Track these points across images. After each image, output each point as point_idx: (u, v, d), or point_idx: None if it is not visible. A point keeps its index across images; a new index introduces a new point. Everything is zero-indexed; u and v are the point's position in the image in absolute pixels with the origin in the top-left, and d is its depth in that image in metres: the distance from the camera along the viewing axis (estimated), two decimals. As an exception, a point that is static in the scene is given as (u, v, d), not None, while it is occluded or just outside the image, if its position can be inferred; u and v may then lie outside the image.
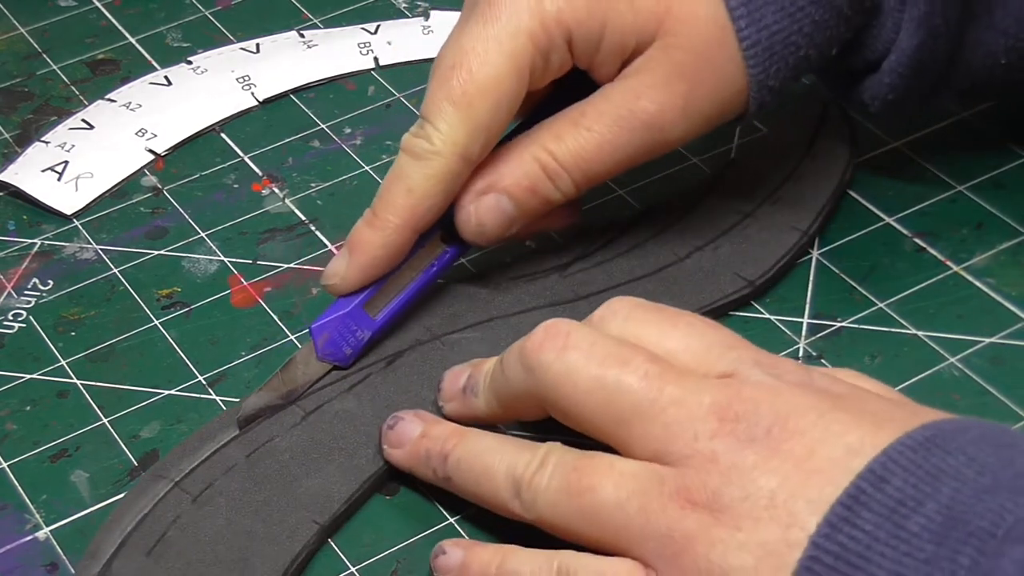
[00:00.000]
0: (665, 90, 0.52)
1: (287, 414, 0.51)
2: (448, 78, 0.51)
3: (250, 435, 0.51)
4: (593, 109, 0.52)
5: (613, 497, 0.43)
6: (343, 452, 0.50)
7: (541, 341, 0.46)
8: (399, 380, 0.52)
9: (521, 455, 0.46)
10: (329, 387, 0.52)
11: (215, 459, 0.50)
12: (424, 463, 0.49)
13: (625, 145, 0.52)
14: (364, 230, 0.52)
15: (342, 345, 0.52)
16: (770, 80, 0.53)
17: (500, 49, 0.51)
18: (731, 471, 0.42)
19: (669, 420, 0.43)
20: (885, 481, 0.40)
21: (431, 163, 0.51)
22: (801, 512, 0.41)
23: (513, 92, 0.51)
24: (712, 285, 0.55)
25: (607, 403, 0.44)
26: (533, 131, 0.53)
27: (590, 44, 0.52)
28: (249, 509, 0.49)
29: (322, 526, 0.48)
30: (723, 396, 0.43)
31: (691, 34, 0.52)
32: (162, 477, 0.50)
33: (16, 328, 0.57)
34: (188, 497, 0.49)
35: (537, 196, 0.53)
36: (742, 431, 0.42)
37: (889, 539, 0.39)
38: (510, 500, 0.46)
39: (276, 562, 0.47)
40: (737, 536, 0.41)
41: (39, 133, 0.65)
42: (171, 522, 0.48)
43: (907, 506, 0.39)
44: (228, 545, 0.48)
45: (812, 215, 0.57)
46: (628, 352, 0.45)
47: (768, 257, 0.56)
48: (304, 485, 0.49)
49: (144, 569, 0.47)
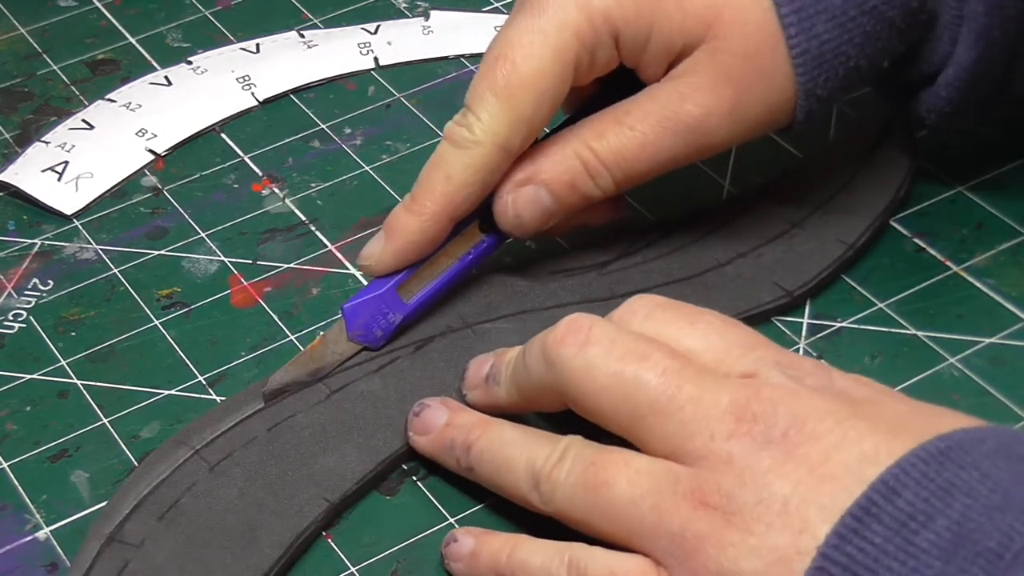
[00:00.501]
0: (711, 93, 0.52)
1: (313, 391, 0.52)
2: (492, 68, 0.51)
3: (274, 409, 0.51)
4: (638, 108, 0.52)
5: (628, 494, 0.43)
6: (362, 432, 0.51)
7: (563, 335, 0.46)
8: (426, 365, 0.53)
9: (541, 448, 0.46)
10: (356, 367, 0.53)
11: (237, 430, 0.51)
12: (448, 452, 0.49)
13: (668, 147, 0.52)
14: (402, 214, 0.52)
15: (373, 327, 0.53)
16: (819, 89, 0.52)
17: (545, 42, 0.51)
18: (745, 473, 0.42)
19: (686, 418, 0.43)
20: (896, 494, 0.40)
21: (471, 152, 0.51)
22: (813, 519, 0.41)
23: (556, 86, 0.51)
24: (749, 293, 0.55)
25: (625, 398, 0.45)
26: (576, 126, 0.53)
27: (637, 43, 0.52)
28: (263, 482, 0.49)
29: (332, 503, 0.49)
30: (742, 396, 0.43)
31: (740, 39, 0.51)
32: (183, 444, 0.51)
33: (16, 328, 0.57)
34: (206, 466, 0.50)
35: (576, 191, 0.53)
36: (759, 432, 0.42)
37: (898, 553, 0.39)
38: (529, 492, 0.46)
39: (282, 535, 0.48)
40: (749, 540, 0.41)
41: (39, 133, 0.65)
42: (186, 489, 0.49)
43: (917, 520, 0.39)
44: (238, 515, 0.48)
45: (860, 229, 0.57)
46: (647, 348, 0.45)
47: (810, 269, 0.55)
48: (320, 462, 0.50)
49: (154, 532, 0.48)
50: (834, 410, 0.43)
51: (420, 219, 0.52)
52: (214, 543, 0.48)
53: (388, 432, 0.51)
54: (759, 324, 0.55)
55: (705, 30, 0.51)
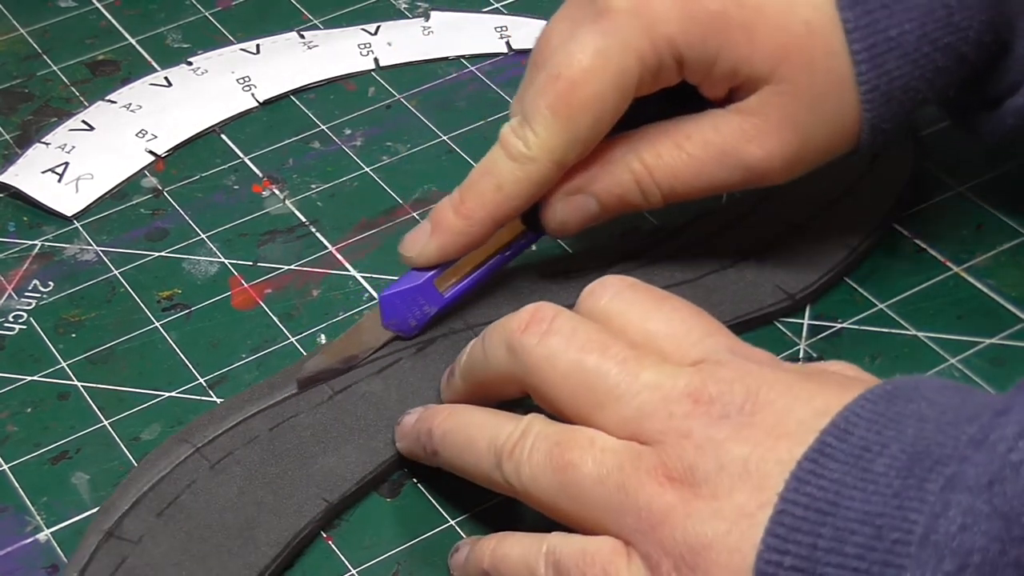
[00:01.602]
0: (776, 138, 0.52)
1: (315, 392, 0.52)
2: (553, 86, 0.51)
3: (276, 409, 0.52)
4: (699, 135, 0.52)
5: (593, 473, 0.44)
6: (363, 433, 0.51)
7: (526, 323, 0.46)
8: (427, 367, 0.53)
9: (503, 426, 0.46)
10: (359, 369, 0.53)
11: (239, 429, 0.51)
12: (416, 442, 0.49)
13: (723, 179, 0.52)
14: (449, 214, 0.52)
15: (408, 317, 0.53)
16: (884, 123, 0.52)
17: (607, 65, 0.50)
18: (705, 444, 0.42)
19: (644, 401, 0.44)
20: (849, 432, 0.40)
21: (524, 167, 0.51)
22: (771, 473, 0.41)
23: (615, 107, 0.51)
24: (752, 296, 0.55)
25: (585, 386, 0.45)
26: (633, 139, 0.53)
27: (701, 68, 0.51)
28: (263, 480, 0.50)
29: (331, 504, 0.49)
30: (698, 379, 0.44)
31: (808, 84, 0.51)
32: (185, 442, 0.51)
33: (16, 330, 0.57)
34: (207, 464, 0.50)
35: (624, 204, 0.53)
36: (716, 410, 0.43)
37: (856, 483, 0.39)
38: (492, 470, 0.46)
39: (280, 534, 0.48)
40: (712, 504, 0.41)
41: (39, 134, 0.65)
42: (186, 486, 0.49)
43: (872, 451, 0.40)
44: (236, 513, 0.49)
45: (864, 232, 0.57)
46: (608, 338, 0.45)
47: (812, 272, 0.55)
48: (320, 462, 0.50)
49: (153, 529, 0.48)
50: (784, 378, 0.43)
51: (467, 223, 0.52)
52: (212, 541, 0.48)
53: (389, 433, 0.51)
54: (760, 326, 0.55)
55: (773, 69, 0.51)
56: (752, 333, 0.54)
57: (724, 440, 0.42)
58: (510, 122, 0.52)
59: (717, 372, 0.44)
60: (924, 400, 0.41)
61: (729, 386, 0.43)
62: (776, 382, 0.43)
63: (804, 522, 0.40)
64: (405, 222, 0.60)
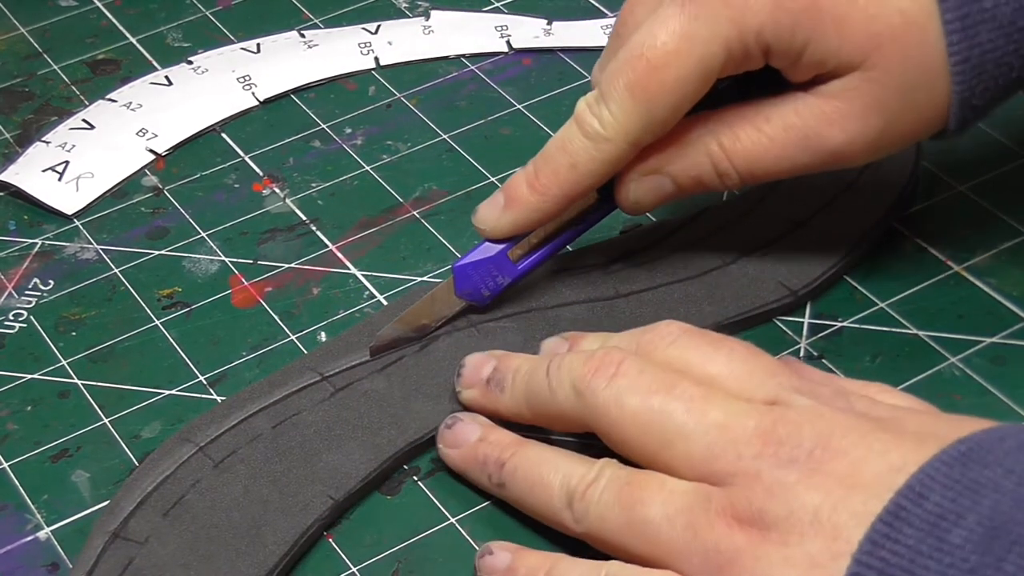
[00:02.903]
0: (860, 122, 0.51)
1: (317, 389, 0.52)
2: (633, 65, 0.50)
3: (278, 407, 0.52)
4: (779, 118, 0.51)
5: (662, 512, 0.44)
6: (366, 431, 0.51)
7: (595, 368, 0.47)
8: (430, 364, 0.53)
9: (577, 468, 0.46)
10: (361, 366, 0.53)
11: (242, 427, 0.51)
12: (480, 468, 0.49)
13: (803, 162, 0.52)
14: (523, 188, 0.52)
15: (481, 287, 0.54)
16: (975, 99, 0.50)
17: (692, 51, 0.50)
18: (774, 487, 0.42)
19: (713, 441, 0.44)
20: (924, 497, 0.40)
21: (600, 147, 0.51)
22: (846, 525, 0.41)
23: (695, 92, 0.50)
24: (754, 292, 0.55)
25: (653, 427, 0.45)
26: (711, 120, 0.52)
27: (788, 57, 0.50)
28: (268, 479, 0.49)
29: (336, 501, 0.49)
30: (767, 420, 0.44)
31: (900, 72, 0.50)
32: (188, 441, 0.51)
33: (17, 328, 0.57)
34: (210, 463, 0.50)
35: (700, 185, 0.53)
36: (785, 453, 0.43)
37: (932, 552, 0.39)
38: (562, 511, 0.46)
39: (287, 533, 0.48)
40: (783, 551, 0.41)
41: (40, 133, 0.65)
42: (191, 486, 0.49)
43: (948, 519, 0.39)
44: (243, 512, 0.49)
45: (864, 228, 0.57)
46: (674, 378, 0.46)
47: (814, 268, 0.55)
48: (324, 460, 0.50)
49: (159, 529, 0.48)
50: (857, 426, 0.43)
51: (541, 199, 0.52)
52: (219, 540, 0.48)
53: (392, 430, 0.51)
54: (760, 324, 0.55)
55: (864, 58, 0.49)
56: (752, 332, 0.54)
57: (794, 484, 0.42)
58: (586, 97, 0.52)
59: (786, 414, 0.44)
60: (1000, 467, 0.40)
61: (798, 429, 0.43)
62: (849, 430, 0.43)
63: None
64: (405, 221, 0.60)
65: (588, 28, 0.69)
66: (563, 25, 0.69)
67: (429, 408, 0.52)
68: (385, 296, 0.57)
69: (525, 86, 0.66)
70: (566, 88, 0.66)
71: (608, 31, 0.68)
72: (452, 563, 0.48)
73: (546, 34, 0.68)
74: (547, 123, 0.64)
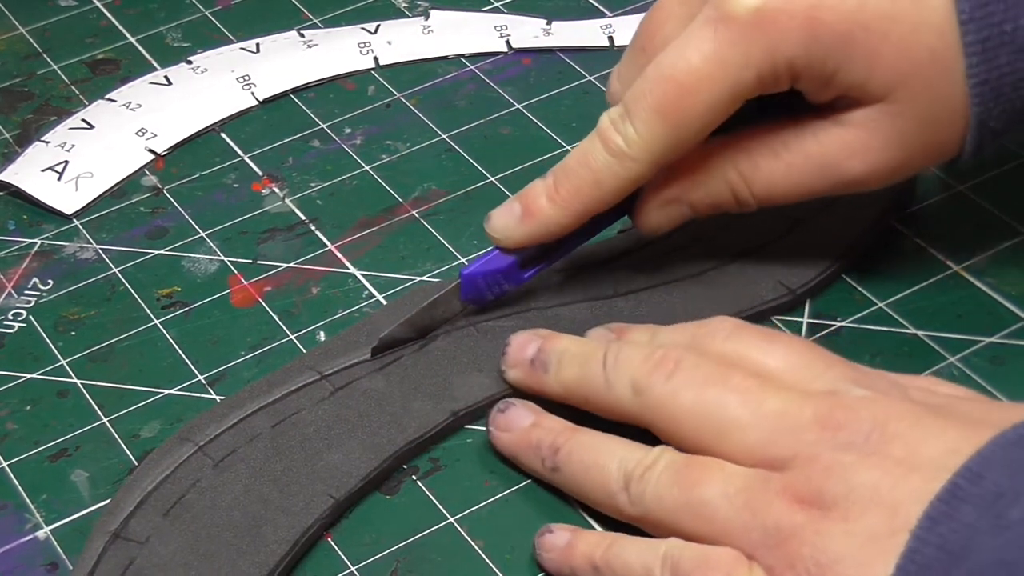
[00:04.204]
0: (881, 154, 0.50)
1: (316, 388, 0.52)
2: (664, 88, 0.50)
3: (277, 406, 0.52)
4: (799, 146, 0.51)
5: (721, 491, 0.44)
6: (366, 430, 0.51)
7: (655, 366, 0.47)
8: (429, 363, 0.53)
9: (634, 453, 0.47)
10: (359, 365, 0.53)
11: (241, 427, 0.51)
12: (533, 452, 0.49)
13: (819, 189, 0.52)
14: (543, 201, 0.52)
15: (485, 293, 0.54)
16: (992, 121, 0.50)
17: (724, 76, 0.49)
18: (834, 467, 0.43)
19: (769, 430, 0.45)
20: (982, 476, 0.40)
21: (624, 164, 0.51)
22: (905, 501, 0.41)
23: (724, 115, 0.50)
24: (752, 291, 0.55)
25: (708, 419, 0.46)
26: (729, 146, 0.52)
27: (814, 84, 0.50)
28: (268, 478, 0.50)
29: (337, 500, 0.49)
30: (824, 407, 0.44)
31: (924, 108, 0.50)
32: (187, 440, 0.51)
33: (16, 328, 0.57)
34: (210, 462, 0.50)
35: (717, 209, 0.53)
36: (842, 437, 0.44)
37: (990, 528, 0.39)
38: (618, 493, 0.47)
39: (288, 531, 0.48)
40: (843, 526, 0.42)
41: (39, 133, 0.65)
42: (191, 485, 0.49)
43: (1006, 498, 0.40)
44: (243, 511, 0.49)
45: (865, 229, 0.56)
46: (728, 370, 0.46)
47: (813, 267, 0.55)
48: (324, 459, 0.50)
49: (160, 529, 0.48)
50: (913, 411, 0.44)
51: (562, 213, 0.52)
52: (220, 539, 0.48)
53: (392, 429, 0.51)
54: (759, 323, 0.55)
55: (889, 92, 0.49)
56: (752, 331, 0.54)
57: (852, 464, 0.43)
58: (610, 112, 0.51)
59: (843, 400, 0.45)
60: None
61: (856, 414, 0.44)
62: (904, 415, 0.44)
63: (937, 563, 0.40)
64: (405, 221, 0.60)
65: (588, 28, 0.69)
66: (563, 25, 0.69)
67: (428, 407, 0.52)
68: (384, 296, 0.57)
69: (524, 86, 0.66)
70: (566, 88, 0.66)
71: (608, 31, 0.68)
72: (451, 562, 0.48)
73: (545, 34, 0.68)
74: (547, 123, 0.64)
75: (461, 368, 0.53)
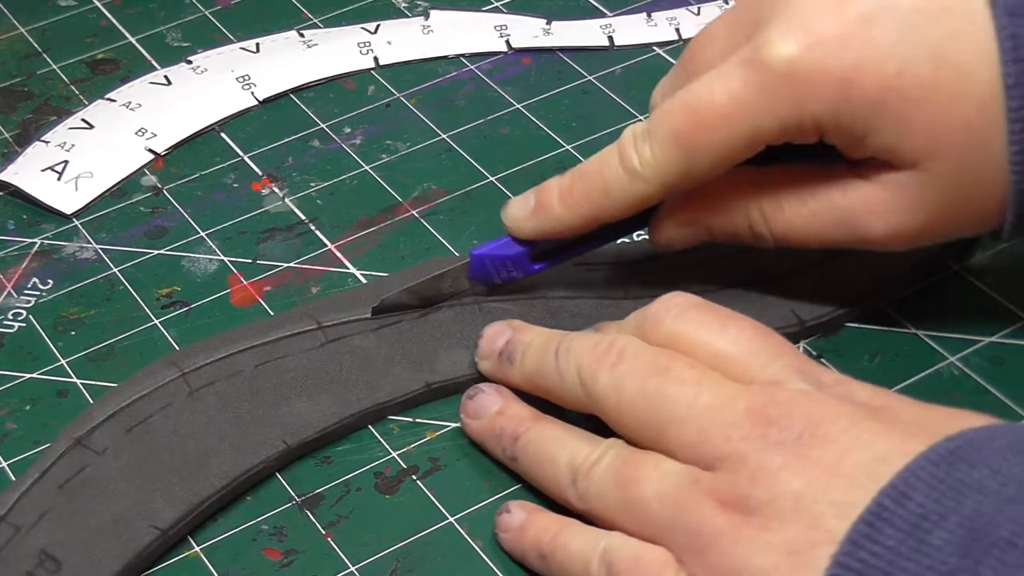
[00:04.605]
0: (904, 218, 0.49)
1: (309, 338, 0.53)
2: (684, 116, 0.49)
3: (267, 347, 0.53)
4: (825, 196, 0.50)
5: (653, 491, 0.45)
6: (341, 385, 0.52)
7: (599, 357, 0.48)
8: (424, 333, 0.54)
9: (584, 447, 0.47)
10: (358, 322, 0.54)
11: (227, 361, 0.52)
12: (496, 440, 0.50)
13: (838, 240, 0.51)
14: (555, 199, 0.52)
15: (493, 276, 0.54)
16: None
17: (745, 119, 0.48)
18: (758, 472, 0.43)
19: (703, 424, 0.45)
20: (907, 497, 0.40)
21: (635, 183, 0.51)
22: (825, 514, 0.41)
23: (740, 155, 0.49)
24: (763, 314, 0.53)
25: (648, 412, 0.46)
26: (756, 181, 0.51)
27: (843, 143, 0.49)
28: (232, 414, 0.51)
29: (289, 447, 0.51)
30: (758, 401, 0.44)
31: (954, 176, 0.48)
32: (174, 365, 0.52)
33: (16, 327, 0.57)
34: (187, 389, 0.52)
35: (733, 239, 0.53)
36: (772, 435, 0.43)
37: (911, 554, 0.39)
38: (567, 487, 0.47)
39: (231, 467, 0.50)
40: (763, 536, 0.42)
41: (39, 133, 0.65)
42: (160, 408, 0.51)
43: (930, 520, 0.39)
44: (198, 441, 0.50)
45: (892, 272, 0.55)
46: (669, 361, 0.46)
47: (828, 304, 0.54)
48: (291, 406, 0.51)
49: (118, 443, 0.50)
50: (849, 413, 0.43)
51: (570, 214, 0.52)
52: (168, 463, 0.50)
53: (365, 389, 0.52)
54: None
55: (920, 160, 0.48)
56: (752, 331, 0.54)
57: (778, 470, 0.42)
58: (635, 127, 0.51)
59: (778, 395, 0.44)
60: (987, 468, 0.40)
61: (789, 411, 0.44)
62: (840, 416, 0.43)
63: None
64: (404, 220, 0.60)
65: (587, 28, 0.69)
66: (562, 25, 0.69)
67: (407, 375, 0.53)
68: (384, 295, 0.57)
69: (524, 86, 0.66)
70: (565, 88, 0.66)
71: (608, 31, 0.68)
72: (451, 562, 0.48)
73: (545, 34, 0.68)
74: (546, 123, 0.64)
75: (452, 343, 0.53)
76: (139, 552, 0.48)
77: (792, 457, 0.42)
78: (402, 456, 0.51)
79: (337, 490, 0.51)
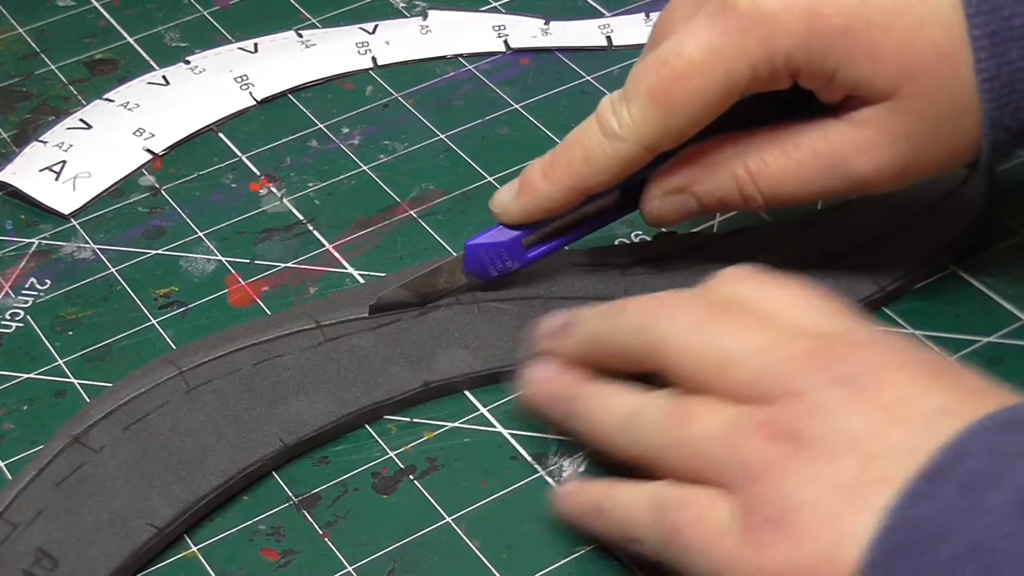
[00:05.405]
0: (888, 152, 0.50)
1: (307, 336, 0.53)
2: (658, 72, 0.50)
3: (266, 346, 0.53)
4: (808, 145, 0.51)
5: (704, 429, 0.44)
6: (339, 384, 0.52)
7: (660, 305, 0.48)
8: (422, 332, 0.54)
9: (635, 395, 0.47)
10: (356, 321, 0.54)
11: (225, 359, 0.53)
12: (550, 402, 0.50)
13: (829, 189, 0.51)
14: (537, 176, 0.53)
15: (489, 268, 0.54)
16: (1006, 119, 0.49)
17: (716, 65, 0.49)
18: (816, 408, 0.43)
19: (760, 363, 0.44)
20: (968, 455, 0.40)
21: (614, 145, 0.51)
22: (883, 455, 0.41)
23: (716, 106, 0.50)
24: None
25: (706, 354, 0.46)
26: (739, 142, 0.52)
27: (817, 80, 0.50)
28: (230, 412, 0.51)
29: (286, 445, 0.51)
30: (820, 344, 0.44)
31: (931, 104, 0.49)
32: (171, 363, 0.52)
33: (13, 328, 0.57)
34: (184, 387, 0.52)
35: (724, 205, 0.53)
36: (832, 372, 0.43)
37: (967, 511, 0.39)
38: (618, 435, 0.47)
39: (228, 465, 0.50)
40: (813, 467, 0.42)
41: (37, 133, 0.65)
42: (158, 406, 0.51)
43: (986, 481, 0.39)
44: (195, 439, 0.50)
45: (896, 275, 0.55)
46: (724, 310, 0.46)
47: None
48: (289, 404, 0.52)
49: (116, 441, 0.50)
50: (912, 363, 0.43)
51: (553, 188, 0.52)
52: (164, 461, 0.50)
53: (363, 388, 0.52)
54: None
55: (896, 88, 0.49)
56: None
57: (836, 407, 0.42)
58: (611, 95, 0.52)
59: (840, 339, 0.44)
60: None
61: (851, 353, 0.44)
62: (904, 365, 0.43)
63: (914, 543, 0.39)
64: (402, 220, 0.60)
65: (586, 28, 0.69)
66: (561, 25, 0.69)
67: (404, 374, 0.53)
68: (382, 295, 0.57)
69: (523, 86, 0.66)
70: (564, 88, 0.66)
71: (606, 31, 0.68)
72: (448, 562, 0.48)
73: (544, 34, 0.68)
74: (545, 123, 0.64)
75: (450, 342, 0.53)
76: (136, 550, 0.48)
77: (851, 396, 0.42)
78: (399, 456, 0.51)
79: (334, 490, 0.51)
